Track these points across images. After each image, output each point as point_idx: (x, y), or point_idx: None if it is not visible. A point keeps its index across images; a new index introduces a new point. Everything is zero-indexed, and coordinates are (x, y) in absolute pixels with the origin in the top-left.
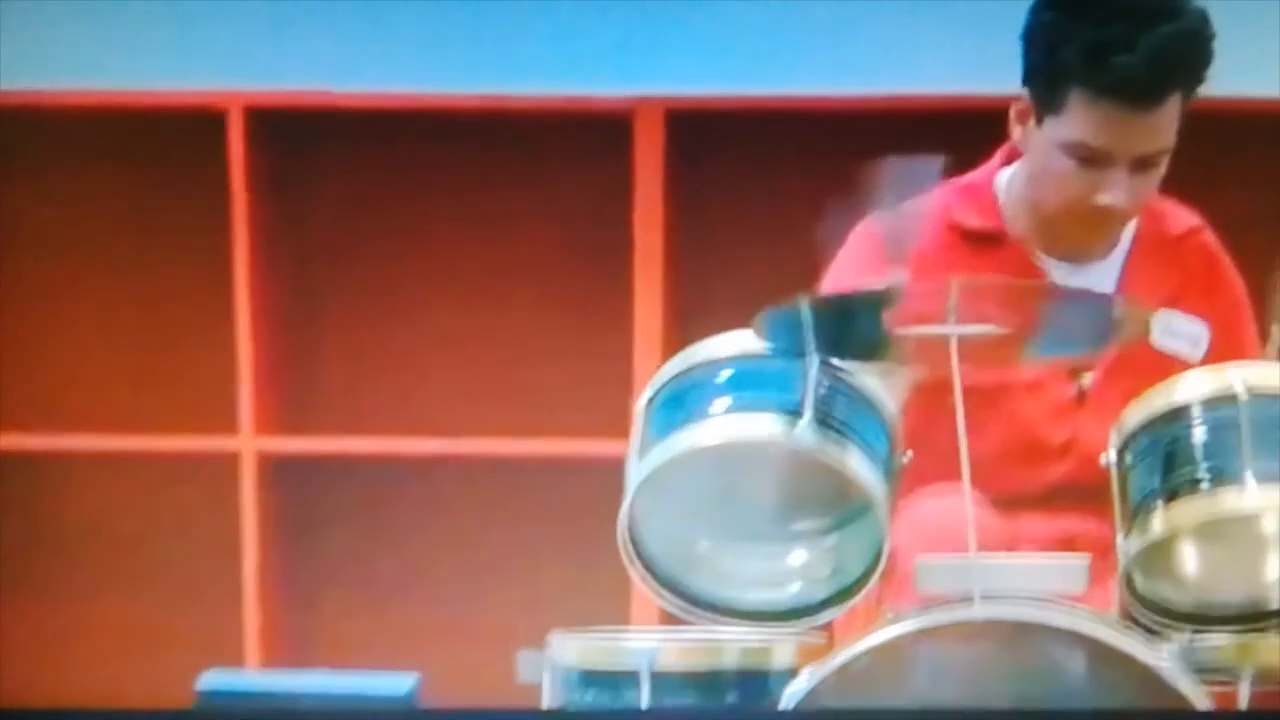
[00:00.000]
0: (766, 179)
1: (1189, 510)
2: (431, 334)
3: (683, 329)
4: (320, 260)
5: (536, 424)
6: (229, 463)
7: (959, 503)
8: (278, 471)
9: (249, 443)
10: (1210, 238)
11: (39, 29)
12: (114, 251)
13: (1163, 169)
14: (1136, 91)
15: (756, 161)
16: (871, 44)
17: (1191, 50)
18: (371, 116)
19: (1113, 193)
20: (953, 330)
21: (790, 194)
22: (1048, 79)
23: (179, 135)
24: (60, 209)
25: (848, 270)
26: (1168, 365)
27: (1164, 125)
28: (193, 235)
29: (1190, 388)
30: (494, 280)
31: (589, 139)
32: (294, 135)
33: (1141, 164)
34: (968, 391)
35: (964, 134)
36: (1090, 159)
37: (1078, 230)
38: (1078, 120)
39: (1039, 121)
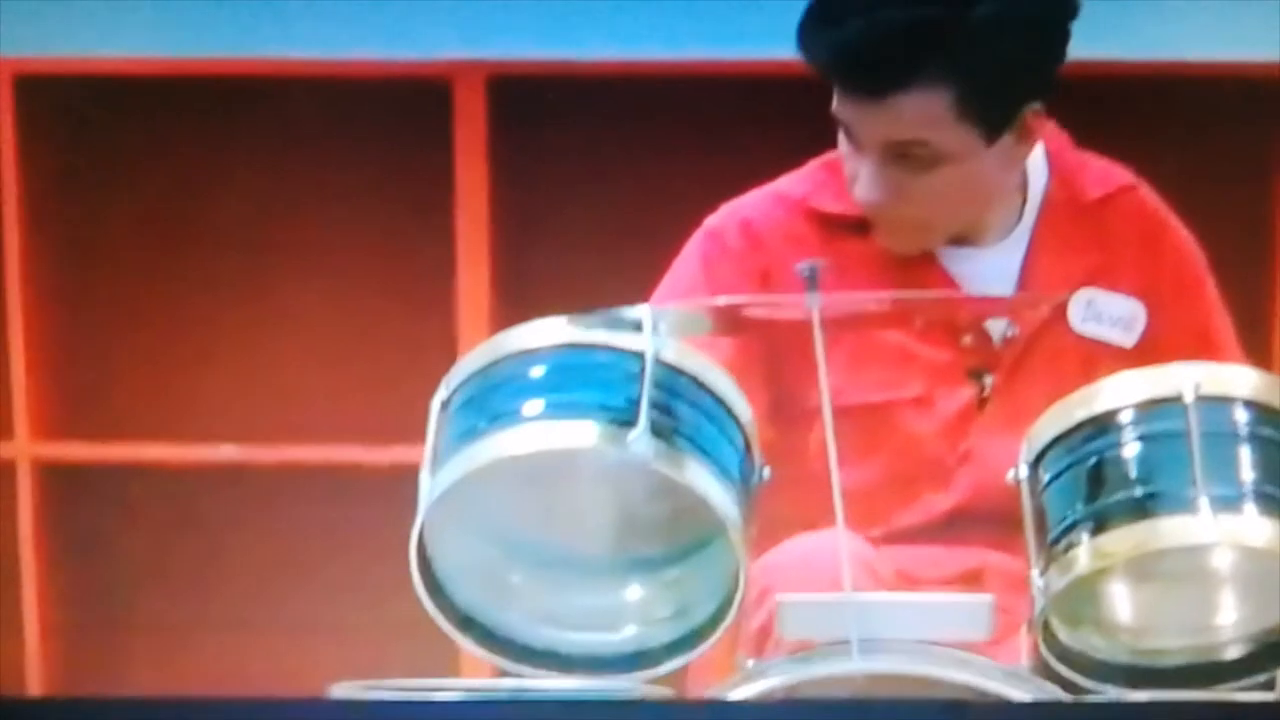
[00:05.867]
0: (597, 150)
1: (1123, 541)
2: (231, 326)
3: (512, 317)
4: (105, 245)
5: (350, 427)
6: (3, 471)
7: (832, 538)
8: (59, 481)
9: (24, 448)
10: (1146, 195)
11: None
12: None
13: (945, 166)
14: (847, 75)
15: (586, 132)
16: (710, 5)
17: (927, 44)
18: (161, 83)
19: (862, 184)
20: (814, 303)
21: (624, 166)
22: None
23: None
24: None
25: (683, 289)
26: (1092, 356)
27: (913, 115)
28: None
29: (1124, 388)
30: (300, 265)
31: (404, 108)
32: (72, 104)
33: (897, 155)
34: (846, 413)
35: (814, 102)
36: (849, 140)
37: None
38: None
39: None
